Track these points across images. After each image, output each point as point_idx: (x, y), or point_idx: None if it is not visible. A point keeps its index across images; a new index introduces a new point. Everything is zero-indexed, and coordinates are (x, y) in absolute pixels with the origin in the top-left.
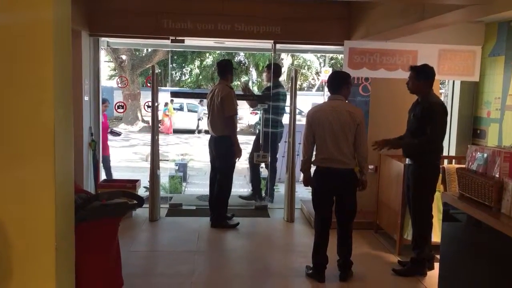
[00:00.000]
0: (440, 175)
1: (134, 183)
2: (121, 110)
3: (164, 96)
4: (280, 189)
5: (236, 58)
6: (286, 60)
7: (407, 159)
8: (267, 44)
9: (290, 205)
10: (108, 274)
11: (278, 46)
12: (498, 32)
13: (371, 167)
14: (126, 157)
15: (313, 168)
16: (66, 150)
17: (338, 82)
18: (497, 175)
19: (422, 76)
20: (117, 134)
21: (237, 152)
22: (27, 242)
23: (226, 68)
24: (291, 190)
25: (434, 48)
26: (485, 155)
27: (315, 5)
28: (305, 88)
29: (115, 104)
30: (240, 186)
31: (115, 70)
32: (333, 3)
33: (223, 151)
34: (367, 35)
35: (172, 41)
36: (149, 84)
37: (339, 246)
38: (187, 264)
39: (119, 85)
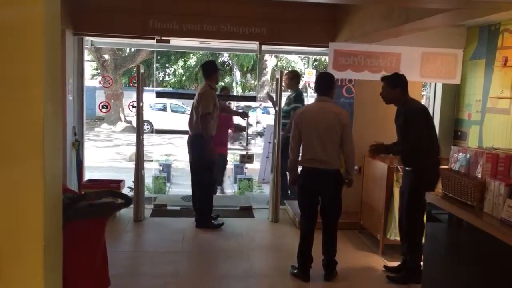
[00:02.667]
0: None
1: (118, 183)
2: (105, 110)
3: (148, 96)
4: (265, 190)
5: (220, 58)
6: (270, 62)
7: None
8: (253, 45)
9: (275, 206)
10: (95, 274)
11: (264, 47)
12: (479, 36)
13: (355, 167)
14: (109, 157)
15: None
16: (55, 148)
17: (326, 84)
18: (480, 175)
19: (395, 84)
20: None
21: (207, 153)
22: (15, 242)
23: (209, 69)
24: (275, 191)
25: (417, 51)
26: (468, 156)
27: (301, 7)
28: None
29: (99, 104)
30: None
31: (97, 70)
32: (318, 6)
33: (197, 150)
34: (351, 37)
35: (158, 41)
36: (134, 84)
37: (324, 246)
38: (172, 264)
39: (103, 84)
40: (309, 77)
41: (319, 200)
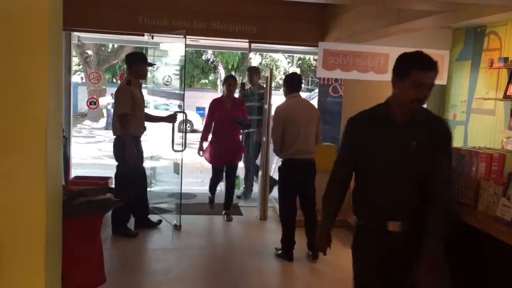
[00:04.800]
0: None
1: (106, 180)
2: (94, 106)
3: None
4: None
5: (204, 56)
6: (255, 60)
7: None
8: (242, 43)
9: (263, 204)
10: (92, 271)
11: (253, 45)
12: (465, 38)
13: None
14: (92, 154)
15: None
16: (56, 143)
17: (299, 82)
18: (474, 175)
19: None
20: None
21: (128, 155)
22: (17, 236)
23: (129, 61)
24: (264, 189)
25: (405, 51)
26: (462, 155)
27: (291, 6)
28: (273, 88)
29: (88, 100)
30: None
31: (79, 65)
32: (308, 5)
33: (116, 152)
34: (340, 37)
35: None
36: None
37: (306, 228)
38: (163, 261)
39: (91, 81)
40: None
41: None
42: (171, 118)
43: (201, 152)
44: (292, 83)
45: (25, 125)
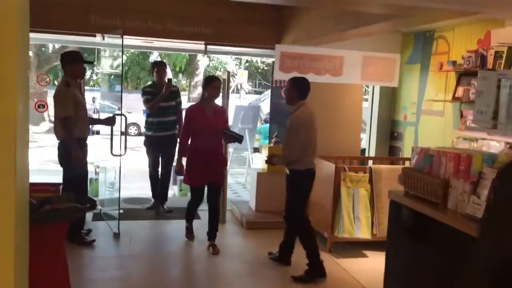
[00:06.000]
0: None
1: (57, 186)
2: (43, 109)
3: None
4: None
5: (150, 57)
6: (202, 62)
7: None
8: (198, 45)
9: (221, 207)
10: (57, 283)
11: (209, 47)
12: (415, 42)
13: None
14: (34, 159)
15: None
16: (24, 147)
17: (309, 87)
18: (443, 174)
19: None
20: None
21: (74, 158)
22: None
23: (64, 61)
24: (223, 192)
25: (359, 54)
26: (430, 155)
27: (247, 8)
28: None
29: (36, 103)
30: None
31: None
32: (264, 7)
33: (61, 157)
34: (298, 39)
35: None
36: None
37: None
38: (122, 269)
39: (40, 83)
40: (241, 78)
41: None
42: (109, 121)
43: (181, 171)
44: (304, 89)
45: None
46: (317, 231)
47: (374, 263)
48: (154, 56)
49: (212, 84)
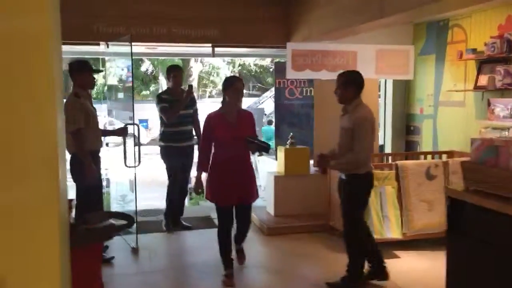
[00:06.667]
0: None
1: (69, 201)
2: None
3: None
4: None
5: (143, 66)
6: (195, 67)
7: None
8: (206, 48)
9: None
10: None
11: (217, 50)
12: (427, 32)
13: (316, 168)
14: None
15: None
16: (63, 167)
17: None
18: None
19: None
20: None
21: (88, 173)
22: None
23: (73, 71)
24: None
25: (372, 48)
26: (495, 147)
27: (254, 6)
28: (215, 95)
29: None
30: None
31: None
32: (272, 5)
33: (73, 171)
34: (310, 35)
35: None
36: None
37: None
38: (147, 286)
39: None
40: None
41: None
42: (121, 131)
43: (200, 189)
44: (362, 84)
45: (36, 149)
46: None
47: (409, 264)
48: (147, 65)
49: (234, 85)
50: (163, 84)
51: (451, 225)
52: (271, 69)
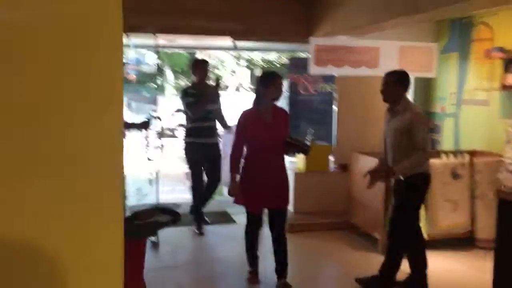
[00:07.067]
0: None
1: None
2: None
3: None
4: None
5: (146, 59)
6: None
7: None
8: (226, 42)
9: None
10: None
11: (238, 44)
12: (450, 30)
13: (335, 166)
14: None
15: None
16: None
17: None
18: None
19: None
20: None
21: None
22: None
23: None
24: None
25: (395, 45)
26: None
27: (275, 0)
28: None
29: None
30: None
31: None
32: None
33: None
34: (333, 31)
35: None
36: None
37: None
38: (170, 281)
39: None
40: (242, 76)
41: None
42: (144, 125)
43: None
44: (409, 83)
45: (103, 137)
46: (367, 232)
47: (434, 264)
48: (152, 58)
49: (276, 82)
50: (170, 77)
51: (502, 229)
52: (278, 65)
